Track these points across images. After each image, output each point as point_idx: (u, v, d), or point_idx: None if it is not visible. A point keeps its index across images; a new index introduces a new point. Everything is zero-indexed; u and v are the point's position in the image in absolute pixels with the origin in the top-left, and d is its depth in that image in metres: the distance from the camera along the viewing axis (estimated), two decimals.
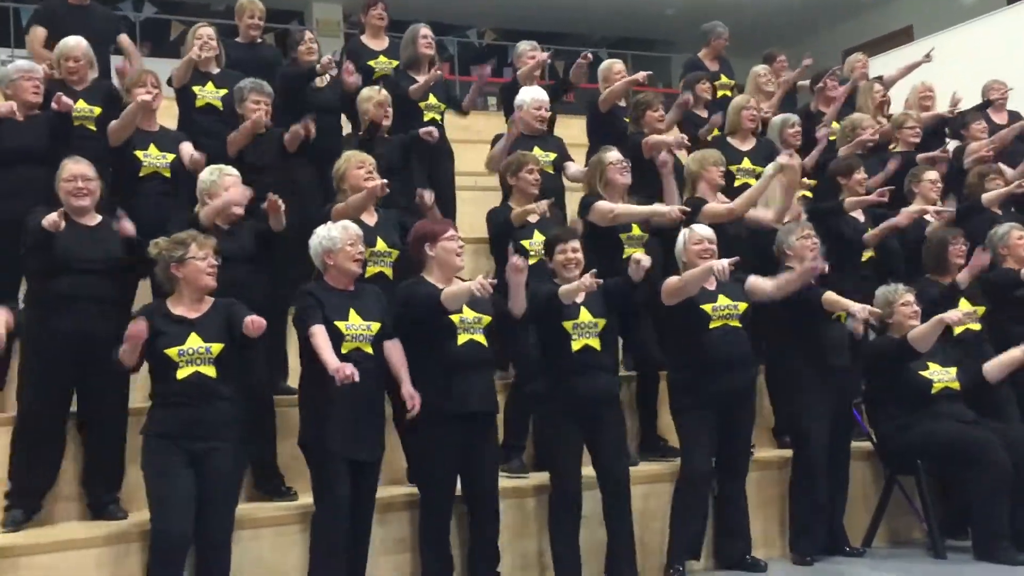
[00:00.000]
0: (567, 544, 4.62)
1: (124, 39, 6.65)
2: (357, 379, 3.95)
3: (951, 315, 5.09)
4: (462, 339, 4.39)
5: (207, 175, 4.74)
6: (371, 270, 4.79)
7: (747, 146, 6.51)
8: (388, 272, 4.88)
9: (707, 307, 4.84)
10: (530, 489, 4.89)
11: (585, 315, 4.63)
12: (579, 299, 4.62)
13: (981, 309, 5.60)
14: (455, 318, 4.38)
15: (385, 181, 4.87)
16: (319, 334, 4.09)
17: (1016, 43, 11.02)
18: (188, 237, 4.13)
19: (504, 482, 4.72)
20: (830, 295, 5.03)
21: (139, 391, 4.57)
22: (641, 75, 6.47)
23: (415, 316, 4.37)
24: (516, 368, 5.31)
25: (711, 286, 4.87)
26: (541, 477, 4.89)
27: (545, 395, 4.69)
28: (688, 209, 5.35)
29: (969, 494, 5.20)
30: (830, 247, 5.53)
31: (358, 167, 4.99)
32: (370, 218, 4.93)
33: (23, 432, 4.35)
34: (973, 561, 5.05)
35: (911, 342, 5.17)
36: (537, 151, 5.83)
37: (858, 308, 4.92)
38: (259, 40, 6.72)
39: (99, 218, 4.53)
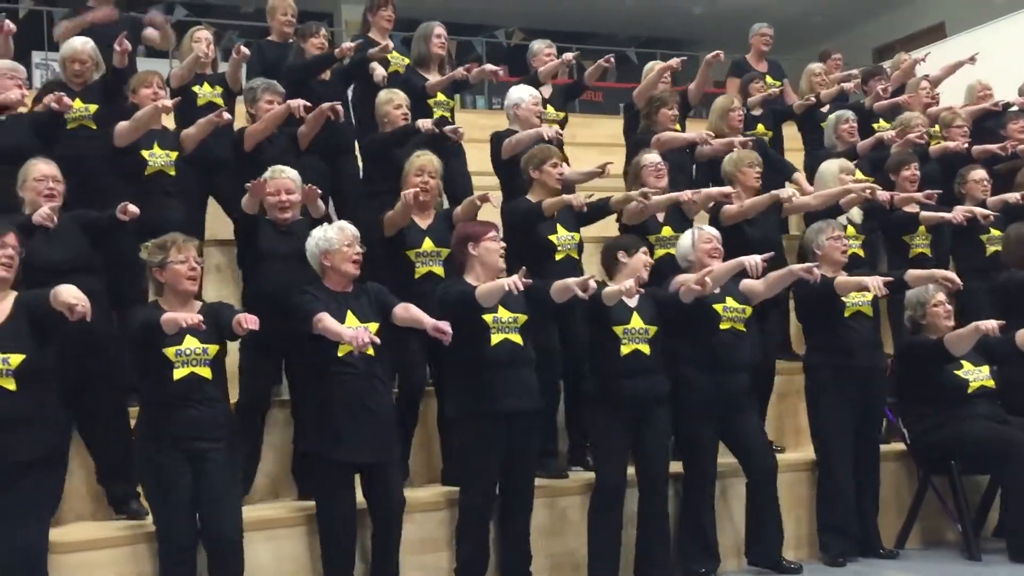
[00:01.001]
0: (607, 541, 4.64)
1: (150, 33, 6.64)
2: (377, 342, 3.94)
3: (987, 324, 5.02)
4: (496, 339, 4.39)
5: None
6: (420, 270, 4.83)
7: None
8: (439, 271, 4.90)
9: (718, 307, 4.84)
10: (561, 489, 4.89)
11: (637, 321, 4.65)
12: (632, 303, 4.63)
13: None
14: (488, 318, 4.38)
15: (416, 190, 4.86)
16: (325, 318, 4.07)
17: None
18: (169, 241, 4.08)
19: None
20: (841, 279, 4.99)
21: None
22: (675, 62, 6.44)
23: (452, 316, 4.37)
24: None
25: (717, 288, 4.86)
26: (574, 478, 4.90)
27: (596, 395, 4.74)
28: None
29: (1004, 495, 5.16)
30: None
31: (416, 175, 4.98)
32: (424, 220, 4.98)
33: None
34: (1008, 563, 5.01)
35: (947, 345, 5.13)
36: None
37: (873, 283, 4.84)
38: (291, 40, 6.75)
39: (59, 217, 4.39)
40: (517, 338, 4.44)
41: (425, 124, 5.61)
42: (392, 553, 4.27)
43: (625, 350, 4.62)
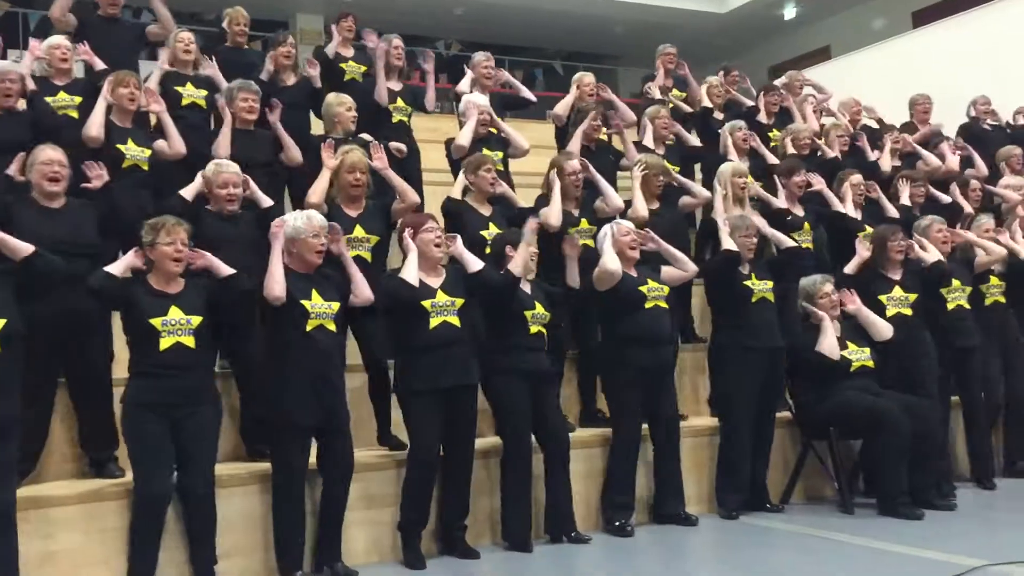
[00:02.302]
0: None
1: (156, 4, 6.57)
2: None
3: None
4: (435, 322, 4.38)
5: (208, 169, 4.73)
6: (352, 253, 4.74)
7: (661, 151, 6.50)
8: (367, 256, 4.82)
9: (643, 288, 4.90)
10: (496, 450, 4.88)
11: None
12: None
13: (913, 296, 5.63)
14: (426, 303, 4.37)
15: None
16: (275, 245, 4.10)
17: (920, 61, 11.19)
18: (160, 223, 4.03)
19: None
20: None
21: (118, 365, 4.46)
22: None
23: (393, 307, 4.38)
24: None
25: (635, 272, 4.97)
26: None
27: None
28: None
29: (874, 457, 5.30)
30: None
31: (348, 172, 4.87)
32: (355, 209, 4.89)
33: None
34: (877, 516, 5.14)
35: (827, 353, 5.26)
36: (485, 151, 5.76)
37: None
38: (246, 46, 6.67)
39: (64, 200, 4.38)
40: (454, 320, 4.43)
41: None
42: (340, 510, 4.24)
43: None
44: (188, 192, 4.66)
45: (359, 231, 4.83)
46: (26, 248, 3.83)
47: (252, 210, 4.77)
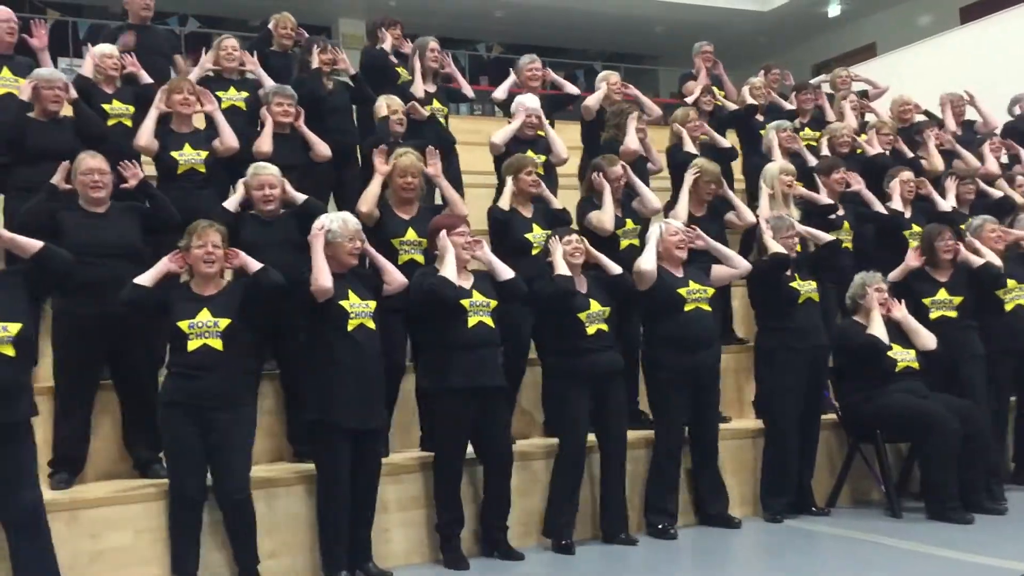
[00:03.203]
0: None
1: (178, 58, 6.71)
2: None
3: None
4: (473, 321, 4.39)
5: (247, 173, 4.79)
6: (403, 258, 4.78)
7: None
8: (419, 259, 4.82)
9: (682, 291, 4.86)
10: (539, 452, 4.89)
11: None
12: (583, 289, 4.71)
13: (958, 299, 5.55)
14: (465, 302, 4.38)
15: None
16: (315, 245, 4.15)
17: (967, 58, 11.00)
18: (193, 227, 4.11)
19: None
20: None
21: None
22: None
23: (430, 305, 4.38)
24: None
25: (680, 273, 4.93)
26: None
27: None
28: None
29: (923, 460, 5.21)
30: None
31: (400, 176, 4.90)
32: (408, 212, 4.92)
33: (63, 409, 4.34)
34: (925, 520, 5.06)
35: (879, 335, 5.18)
36: (530, 153, 5.75)
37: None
38: (291, 50, 6.73)
39: (108, 205, 4.48)
40: (489, 320, 4.44)
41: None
42: (372, 511, 4.26)
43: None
44: (231, 203, 4.72)
45: (411, 234, 4.85)
46: (35, 244, 3.89)
47: (293, 214, 4.80)
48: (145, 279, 4.01)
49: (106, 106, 5.53)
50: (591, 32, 16.18)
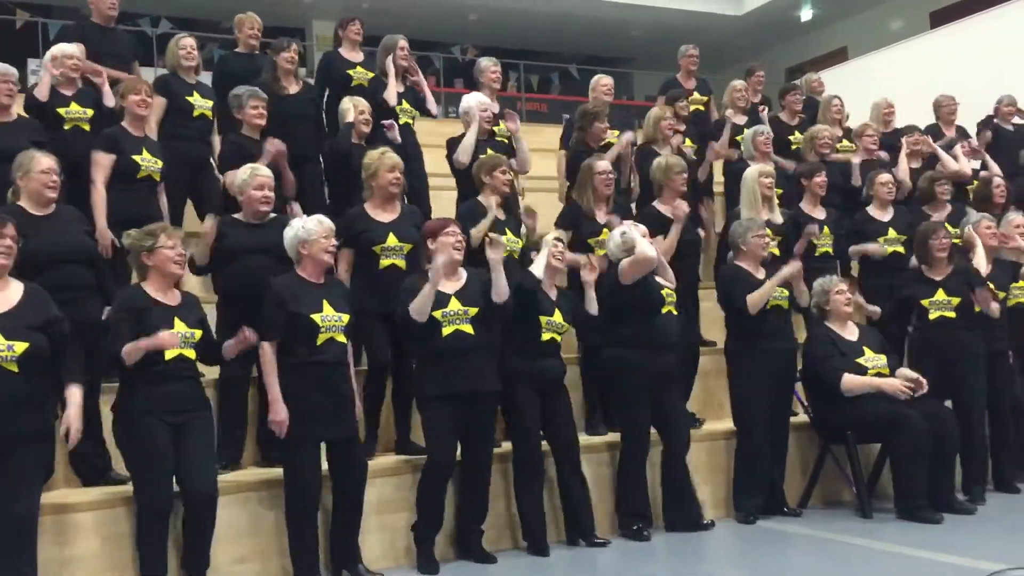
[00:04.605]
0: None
1: (136, 66, 6.51)
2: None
3: (891, 384, 5.12)
4: (447, 331, 4.39)
5: (242, 174, 4.69)
6: (384, 263, 4.74)
7: (666, 150, 6.38)
8: (400, 264, 4.79)
9: (664, 292, 4.90)
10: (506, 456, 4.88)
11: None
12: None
13: (956, 300, 5.55)
14: (437, 314, 4.37)
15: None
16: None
17: (938, 62, 11.13)
18: (159, 228, 4.06)
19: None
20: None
21: None
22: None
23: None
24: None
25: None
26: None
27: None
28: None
29: (893, 461, 5.26)
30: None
31: (389, 171, 4.86)
32: (389, 215, 4.86)
33: None
34: (896, 520, 5.10)
35: (843, 389, 5.16)
36: (489, 152, 5.68)
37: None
38: (256, 52, 6.69)
39: (54, 207, 4.29)
40: (468, 328, 4.43)
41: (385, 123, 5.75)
42: (358, 516, 4.26)
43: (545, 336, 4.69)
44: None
45: (392, 239, 4.77)
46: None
47: (279, 221, 4.70)
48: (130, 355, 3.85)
49: (61, 110, 5.40)
50: (566, 35, 16.23)
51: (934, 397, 5.27)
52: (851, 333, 5.37)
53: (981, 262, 5.76)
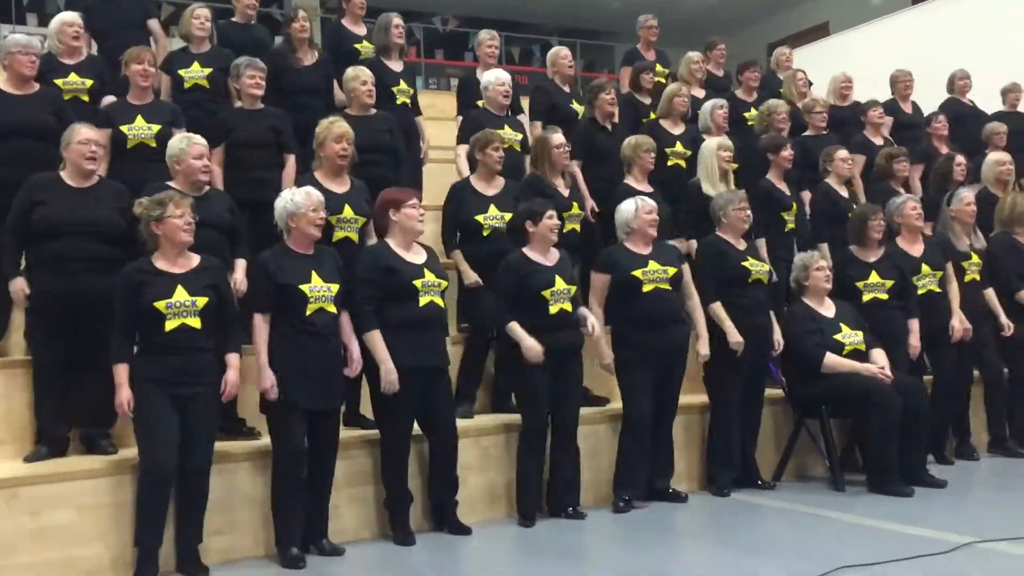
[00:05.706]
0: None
1: (153, 24, 6.47)
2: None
3: (870, 371, 5.19)
4: (424, 300, 4.38)
5: (176, 142, 4.53)
6: (338, 235, 4.70)
7: (678, 130, 6.52)
8: (354, 237, 4.77)
9: (638, 272, 4.86)
10: (491, 428, 4.92)
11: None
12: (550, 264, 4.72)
13: (890, 282, 5.62)
14: (417, 282, 4.35)
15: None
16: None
17: (920, 38, 11.14)
18: (166, 197, 4.02)
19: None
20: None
21: None
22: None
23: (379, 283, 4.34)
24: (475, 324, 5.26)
25: (645, 251, 4.92)
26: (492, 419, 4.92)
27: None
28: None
29: (866, 435, 5.30)
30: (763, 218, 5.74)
31: (336, 141, 4.77)
32: (341, 187, 4.80)
33: (38, 384, 4.29)
34: (867, 493, 5.16)
35: (824, 368, 5.23)
36: (507, 130, 5.76)
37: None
38: (252, 21, 6.60)
39: (96, 179, 4.36)
40: (439, 300, 4.43)
41: None
42: (328, 488, 4.27)
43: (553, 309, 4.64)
44: None
45: (348, 211, 4.73)
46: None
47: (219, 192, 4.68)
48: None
49: (59, 81, 5.31)
50: (548, 6, 16.11)
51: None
52: (828, 309, 5.41)
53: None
